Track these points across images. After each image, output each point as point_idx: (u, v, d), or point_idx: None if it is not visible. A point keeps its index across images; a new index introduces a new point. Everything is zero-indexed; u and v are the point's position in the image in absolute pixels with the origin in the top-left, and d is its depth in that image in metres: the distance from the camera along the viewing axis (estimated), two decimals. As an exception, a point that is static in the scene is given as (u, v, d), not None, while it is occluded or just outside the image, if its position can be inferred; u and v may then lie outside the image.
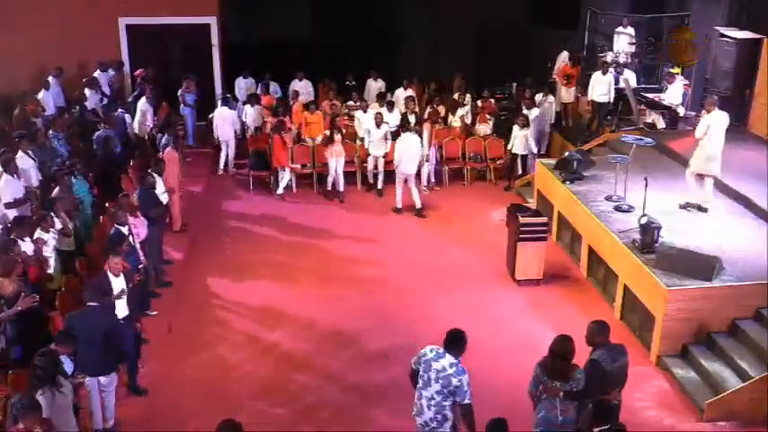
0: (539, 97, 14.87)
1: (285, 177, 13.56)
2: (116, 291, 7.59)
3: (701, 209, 10.62)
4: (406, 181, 12.89)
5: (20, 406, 5.42)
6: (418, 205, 12.94)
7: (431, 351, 6.19)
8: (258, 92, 15.90)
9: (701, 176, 10.63)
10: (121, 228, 8.78)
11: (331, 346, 9.08)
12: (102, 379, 7.07)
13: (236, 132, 14.69)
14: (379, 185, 13.95)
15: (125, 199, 9.42)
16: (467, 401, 6.09)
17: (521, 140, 13.83)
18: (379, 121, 13.53)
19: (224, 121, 14.42)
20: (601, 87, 14.26)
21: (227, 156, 14.59)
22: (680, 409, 7.95)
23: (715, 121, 10.33)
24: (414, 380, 6.32)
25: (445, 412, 6.14)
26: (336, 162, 13.53)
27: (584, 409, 6.27)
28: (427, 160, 13.90)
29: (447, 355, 6.12)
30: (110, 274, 7.64)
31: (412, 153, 12.70)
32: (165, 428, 7.57)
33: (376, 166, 13.85)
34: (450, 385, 6.04)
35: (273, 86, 16.27)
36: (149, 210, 9.78)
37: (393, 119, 14.16)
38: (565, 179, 11.70)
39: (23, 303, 7.17)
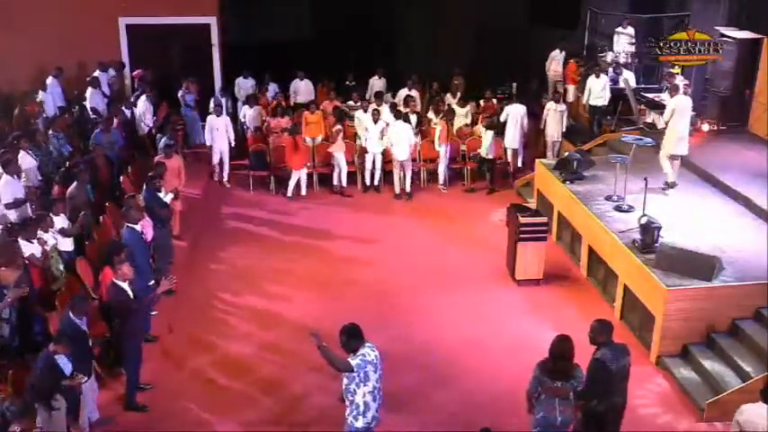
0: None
1: (294, 179, 13.55)
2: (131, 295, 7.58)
3: (668, 186, 11.23)
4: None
5: (14, 409, 5.42)
6: (407, 189, 13.62)
7: (373, 350, 6.27)
8: (275, 92, 15.97)
9: (673, 157, 11.30)
10: (134, 226, 8.78)
11: (331, 346, 9.05)
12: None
13: (229, 142, 14.08)
14: (376, 182, 13.98)
15: (132, 200, 9.43)
16: None
17: (487, 143, 13.61)
18: (376, 117, 13.58)
19: (217, 129, 13.84)
20: (596, 91, 14.29)
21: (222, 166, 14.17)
22: (680, 409, 7.95)
23: (679, 105, 11.13)
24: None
25: None
26: (342, 156, 13.70)
27: (590, 405, 6.28)
28: (424, 159, 13.99)
29: (369, 343, 6.26)
30: (118, 282, 7.57)
31: (402, 139, 13.25)
32: (165, 428, 7.58)
33: (374, 164, 13.87)
34: None
35: (273, 87, 16.26)
36: (157, 210, 9.81)
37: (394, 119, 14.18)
38: (565, 179, 11.70)
39: (14, 294, 7.21)
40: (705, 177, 11.77)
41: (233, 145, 14.20)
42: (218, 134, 13.79)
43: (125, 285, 7.54)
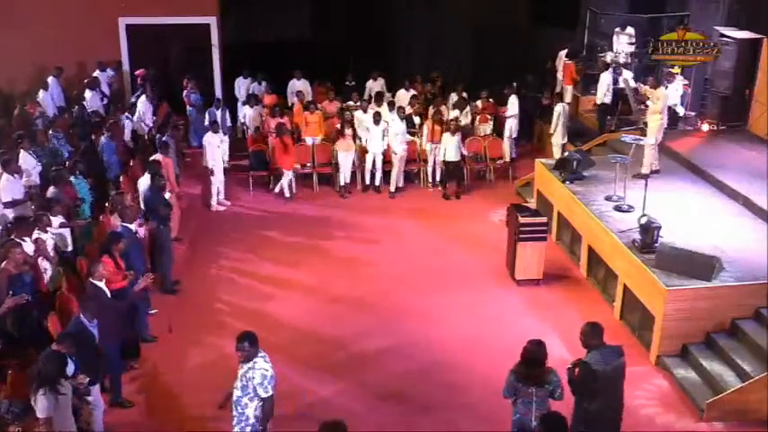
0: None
1: (285, 179, 13.57)
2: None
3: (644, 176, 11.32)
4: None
5: (15, 411, 5.41)
6: (392, 188, 13.76)
7: (266, 362, 6.10)
8: (263, 90, 15.89)
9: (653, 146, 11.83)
10: (129, 225, 8.78)
11: (331, 347, 9.09)
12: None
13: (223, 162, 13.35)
14: (377, 182, 13.98)
15: (119, 197, 9.41)
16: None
17: (452, 147, 13.33)
18: (377, 119, 13.57)
19: (213, 148, 12.98)
20: (602, 88, 14.36)
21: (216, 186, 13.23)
22: (680, 409, 7.95)
23: (665, 96, 12.00)
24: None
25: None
26: (346, 156, 13.70)
27: (580, 410, 6.27)
28: (423, 160, 14.00)
29: (260, 353, 6.12)
30: (95, 281, 7.50)
31: (392, 134, 13.52)
32: (165, 428, 7.58)
33: (374, 165, 13.86)
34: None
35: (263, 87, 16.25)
36: (160, 209, 9.80)
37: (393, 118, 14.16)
38: (565, 179, 11.70)
39: (11, 302, 7.20)
40: (705, 177, 11.77)
41: (227, 164, 13.75)
42: (218, 152, 13.03)
43: (101, 284, 7.52)
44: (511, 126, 14.73)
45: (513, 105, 14.71)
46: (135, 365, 8.47)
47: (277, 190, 13.64)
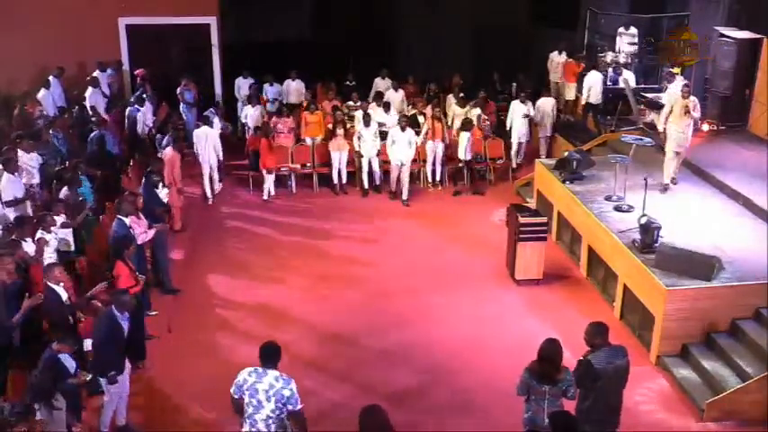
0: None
1: (268, 181, 13.52)
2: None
3: (674, 182, 11.46)
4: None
5: (15, 412, 5.41)
6: (404, 195, 13.43)
7: (250, 375, 5.96)
8: (276, 91, 15.91)
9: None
10: (124, 219, 8.76)
11: (331, 347, 9.09)
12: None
13: (218, 158, 13.31)
14: (377, 182, 13.97)
15: (130, 197, 9.42)
16: (299, 407, 6.00)
17: (464, 146, 13.52)
18: (367, 120, 13.56)
19: (205, 142, 13.08)
20: (585, 88, 14.58)
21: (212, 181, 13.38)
22: (680, 409, 7.95)
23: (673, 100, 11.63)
24: (239, 409, 6.04)
25: (284, 424, 6.07)
26: (339, 155, 13.64)
27: (583, 406, 6.28)
28: (423, 160, 14.00)
29: (268, 371, 5.98)
30: (51, 284, 7.39)
31: (397, 145, 13.21)
32: (167, 428, 7.57)
33: (370, 167, 13.80)
34: (284, 398, 5.92)
35: (275, 88, 16.23)
36: (156, 209, 9.80)
37: (390, 120, 14.13)
38: (565, 179, 11.70)
39: (30, 302, 7.18)
40: (705, 177, 11.77)
41: (220, 158, 13.59)
42: (207, 144, 13.06)
43: (59, 288, 7.41)
44: (516, 130, 14.73)
45: (510, 113, 14.78)
46: (140, 365, 8.47)
47: (265, 196, 13.57)
